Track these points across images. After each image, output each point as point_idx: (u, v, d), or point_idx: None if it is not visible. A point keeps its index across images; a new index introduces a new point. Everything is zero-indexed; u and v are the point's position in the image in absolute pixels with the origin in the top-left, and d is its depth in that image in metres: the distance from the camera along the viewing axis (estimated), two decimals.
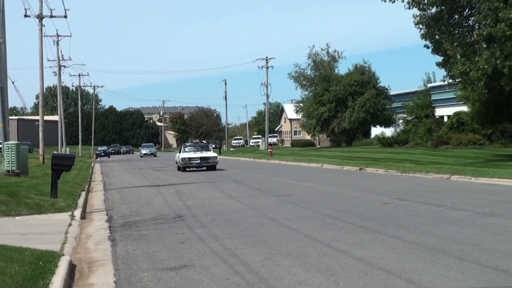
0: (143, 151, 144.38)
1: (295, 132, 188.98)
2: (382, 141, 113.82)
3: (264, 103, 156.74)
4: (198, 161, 68.30)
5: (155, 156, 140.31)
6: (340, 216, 25.55)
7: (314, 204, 29.96)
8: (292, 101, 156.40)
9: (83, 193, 37.52)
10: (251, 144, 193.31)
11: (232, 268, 15.68)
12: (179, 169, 70.88)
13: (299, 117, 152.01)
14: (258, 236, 21.11)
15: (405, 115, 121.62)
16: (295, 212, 27.71)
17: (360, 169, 61.10)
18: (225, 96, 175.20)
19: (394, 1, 56.42)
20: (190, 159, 68.13)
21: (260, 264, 16.06)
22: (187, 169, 68.18)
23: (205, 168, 69.32)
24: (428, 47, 60.51)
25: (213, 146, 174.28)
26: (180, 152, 71.97)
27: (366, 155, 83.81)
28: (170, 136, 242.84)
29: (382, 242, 19.11)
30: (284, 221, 24.70)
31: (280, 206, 30.10)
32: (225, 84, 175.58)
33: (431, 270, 14.83)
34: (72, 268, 15.89)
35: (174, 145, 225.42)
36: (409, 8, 57.18)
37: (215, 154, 72.35)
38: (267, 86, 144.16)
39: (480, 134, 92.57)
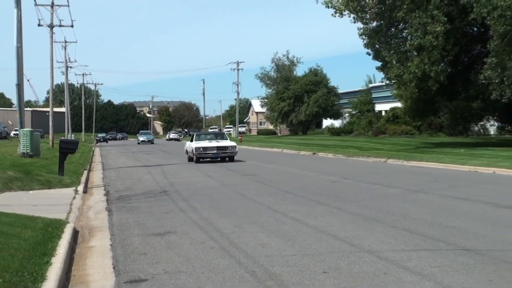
0: (141, 138, 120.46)
1: (261, 123, 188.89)
2: (332, 130, 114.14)
3: (235, 99, 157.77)
4: (215, 151, 49.53)
5: (153, 143, 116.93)
6: (296, 192, 25.57)
7: (275, 182, 29.94)
8: (258, 97, 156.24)
9: (85, 172, 37.34)
10: (224, 132, 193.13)
11: (208, 234, 15.68)
12: (190, 160, 51.64)
13: (264, 110, 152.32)
14: (230, 208, 21.10)
15: (350, 110, 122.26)
16: (260, 188, 27.71)
17: (313, 153, 61.12)
18: (203, 93, 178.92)
19: (342, 16, 56.56)
20: (205, 148, 49.38)
21: (231, 231, 16.06)
22: (201, 160, 49.87)
23: (219, 159, 50.64)
24: (369, 54, 61.24)
25: (192, 133, 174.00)
26: (192, 141, 52.56)
27: (318, 142, 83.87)
28: (158, 125, 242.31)
29: (331, 213, 19.15)
30: (251, 196, 24.70)
31: (248, 184, 30.08)
32: (203, 83, 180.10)
33: (370, 236, 14.88)
34: (75, 233, 15.85)
35: (161, 133, 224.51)
36: (355, 22, 57.71)
37: (233, 143, 51.74)
38: (237, 85, 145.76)
39: (411, 125, 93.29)
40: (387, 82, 67.88)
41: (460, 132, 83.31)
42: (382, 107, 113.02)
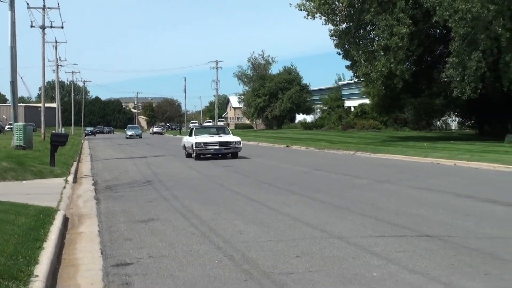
0: (129, 132, 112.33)
1: (238, 118, 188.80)
2: (304, 125, 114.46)
3: (214, 95, 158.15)
4: (217, 147, 42.34)
5: (141, 137, 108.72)
6: (272, 182, 25.61)
7: (252, 173, 29.95)
8: (236, 94, 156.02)
9: (75, 163, 37.22)
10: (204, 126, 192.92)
11: (189, 221, 15.67)
12: (188, 156, 44.69)
13: (241, 106, 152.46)
14: (209, 197, 21.10)
15: (322, 106, 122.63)
16: (238, 179, 27.73)
17: (287, 146, 61.15)
18: (185, 90, 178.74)
19: (314, 18, 56.66)
20: (206, 144, 42.23)
21: (210, 218, 16.07)
22: (202, 156, 42.49)
23: (220, 155, 43.15)
24: (339, 54, 61.32)
25: (175, 127, 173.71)
26: (190, 136, 45.40)
27: (292, 135, 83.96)
28: (142, 120, 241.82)
29: (304, 202, 19.18)
30: (229, 186, 24.70)
31: (227, 175, 30.08)
32: (185, 80, 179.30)
33: (340, 223, 14.92)
34: (65, 220, 15.81)
35: (145, 127, 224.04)
36: (326, 24, 57.82)
37: (237, 138, 44.32)
38: (216, 82, 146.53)
39: (378, 120, 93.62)
40: (356, 80, 68.34)
41: (423, 127, 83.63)
42: (351, 103, 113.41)
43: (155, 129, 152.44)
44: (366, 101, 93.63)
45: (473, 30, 47.43)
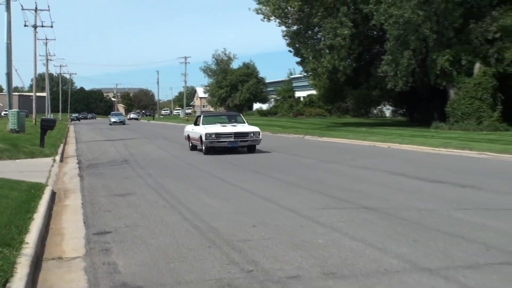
0: (113, 119, 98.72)
1: (204, 106, 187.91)
2: (260, 112, 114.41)
3: (183, 87, 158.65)
4: (232, 139, 30.46)
5: (124, 124, 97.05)
6: (232, 161, 25.57)
7: (216, 154, 29.86)
8: (202, 85, 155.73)
9: (61, 145, 36.86)
10: (174, 113, 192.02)
11: (160, 195, 15.60)
12: (193, 148, 32.92)
13: (206, 96, 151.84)
14: (179, 175, 21.00)
15: (275, 96, 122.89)
16: (204, 159, 27.61)
17: None
18: (157, 82, 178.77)
19: (270, 21, 56.86)
20: (219, 135, 30.38)
21: (179, 193, 15.99)
22: (213, 150, 30.33)
23: (237, 149, 31.31)
24: (291, 52, 61.57)
25: (149, 114, 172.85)
26: (197, 124, 32.94)
27: (249, 121, 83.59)
28: (121, 107, 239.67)
29: (260, 179, 19.17)
30: (197, 165, 24.61)
31: (195, 156, 29.92)
32: (158, 73, 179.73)
33: (290, 197, 14.93)
34: (53, 194, 15.64)
35: (123, 113, 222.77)
36: (279, 26, 58.15)
37: (256, 129, 31.99)
38: (185, 75, 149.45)
39: (324, 109, 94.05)
40: (305, 74, 68.72)
41: (362, 114, 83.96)
42: (300, 94, 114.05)
43: (132, 115, 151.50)
44: (314, 92, 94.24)
45: (405, 32, 47.91)
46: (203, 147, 30.11)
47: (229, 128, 30.89)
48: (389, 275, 8.01)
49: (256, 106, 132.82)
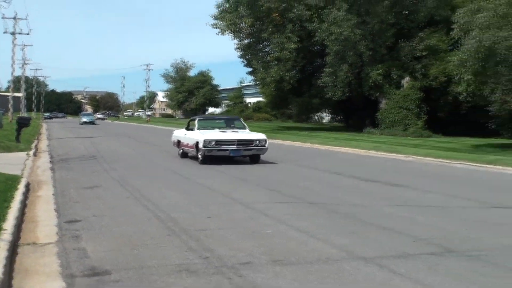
0: (83, 119, 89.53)
1: (163, 109, 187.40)
2: (214, 116, 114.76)
3: (145, 91, 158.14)
4: (234, 146, 23.24)
5: (94, 123, 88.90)
6: (190, 158, 25.43)
7: (175, 151, 29.65)
8: (162, 90, 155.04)
9: (35, 141, 36.26)
10: (136, 115, 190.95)
11: (125, 188, 15.42)
12: (184, 156, 25.85)
13: (166, 100, 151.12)
14: (142, 170, 20.81)
15: (228, 101, 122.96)
16: (164, 156, 27.40)
17: None
18: (122, 86, 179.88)
19: (225, 34, 56.87)
20: (219, 142, 23.09)
21: (142, 186, 15.82)
22: (209, 159, 23.03)
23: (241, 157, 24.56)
24: (243, 63, 61.65)
25: (113, 115, 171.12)
26: (190, 129, 25.88)
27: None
28: (88, 108, 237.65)
29: (215, 175, 19.06)
30: (158, 161, 24.51)
31: (156, 153, 29.78)
32: (123, 78, 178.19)
33: (242, 192, 14.90)
34: (28, 185, 15.32)
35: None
36: (233, 39, 58.04)
37: (262, 136, 24.73)
38: (147, 81, 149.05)
39: (270, 114, 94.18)
40: (255, 82, 68.89)
41: (304, 120, 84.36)
42: (250, 100, 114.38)
43: (98, 116, 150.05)
44: (262, 99, 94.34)
45: (343, 48, 48.28)
46: (200, 156, 23.01)
47: (231, 135, 23.69)
48: (330, 262, 8.01)
49: (210, 110, 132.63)
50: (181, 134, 26.70)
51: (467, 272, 7.64)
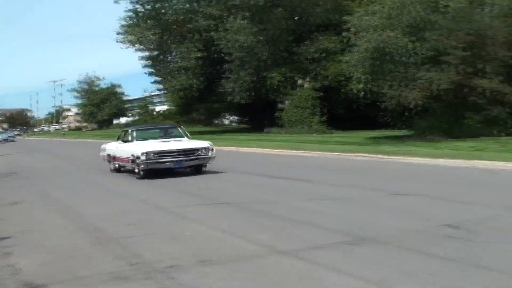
0: (2, 137, 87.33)
1: (77, 122, 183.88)
2: (121, 126, 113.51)
3: (53, 106, 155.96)
4: (178, 157, 19.85)
5: (14, 141, 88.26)
6: (105, 167, 25.05)
7: (88, 163, 29.13)
8: (74, 103, 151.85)
9: None
10: (51, 129, 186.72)
11: (46, 202, 15.22)
12: (117, 171, 22.39)
13: (78, 113, 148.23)
14: (60, 183, 20.46)
15: (138, 110, 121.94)
16: (78, 166, 27.13)
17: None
18: (37, 102, 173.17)
19: (134, 47, 57.21)
20: (162, 154, 19.67)
21: (63, 199, 15.63)
22: (150, 173, 19.64)
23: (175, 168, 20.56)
24: (148, 73, 62.98)
25: (22, 131, 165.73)
26: (125, 141, 22.21)
27: (115, 134, 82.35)
28: (4, 125, 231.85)
29: (131, 183, 18.97)
30: (73, 172, 24.20)
31: (70, 164, 29.39)
32: (37, 95, 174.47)
33: (162, 197, 14.90)
34: None
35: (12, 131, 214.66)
36: (141, 52, 58.36)
37: (206, 144, 21.06)
38: (60, 95, 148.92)
39: (179, 120, 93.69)
40: (163, 91, 68.67)
41: (212, 124, 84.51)
42: (160, 108, 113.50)
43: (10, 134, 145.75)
44: (172, 106, 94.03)
45: (247, 55, 48.70)
46: (139, 170, 19.65)
47: (173, 144, 20.38)
48: (253, 259, 8.15)
49: (122, 120, 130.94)
50: (113, 147, 23.02)
51: (379, 257, 7.93)
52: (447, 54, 28.87)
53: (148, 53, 59.26)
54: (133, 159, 19.99)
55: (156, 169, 19.63)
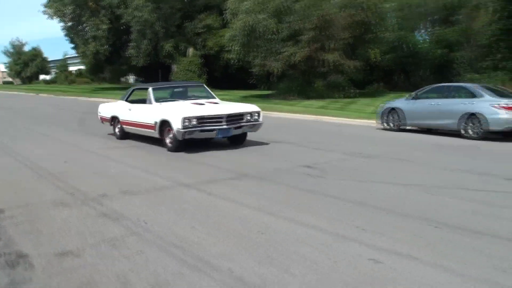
0: None
1: (3, 78, 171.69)
2: (45, 81, 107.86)
3: None
4: (224, 125, 11.47)
5: None
6: (45, 119, 24.04)
7: (29, 112, 27.69)
8: (3, 62, 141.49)
9: None
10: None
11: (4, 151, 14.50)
12: (122, 137, 14.47)
13: (6, 70, 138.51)
14: (7, 130, 19.49)
15: (56, 70, 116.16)
16: (23, 118, 25.32)
17: (37, 94, 56.59)
18: None
19: (53, 19, 55.36)
20: (203, 120, 11.24)
21: (9, 143, 14.87)
22: (185, 144, 11.70)
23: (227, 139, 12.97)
24: (68, 40, 60.22)
25: None
26: (140, 102, 13.81)
27: (39, 88, 78.17)
28: None
29: (61, 130, 18.35)
30: (21, 123, 22.80)
31: (15, 116, 27.46)
32: None
33: (86, 141, 14.68)
34: None
35: None
36: (59, 22, 56.01)
37: (256, 108, 12.29)
38: None
39: (89, 78, 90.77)
40: (78, 54, 66.27)
41: (116, 82, 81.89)
42: (74, 68, 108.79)
43: None
44: (83, 67, 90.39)
45: (144, 27, 47.80)
46: (171, 141, 12.24)
47: (214, 108, 12.33)
48: (163, 190, 8.35)
49: (42, 76, 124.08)
50: (121, 108, 14.79)
51: (257, 188, 8.37)
52: (302, 34, 29.84)
53: (69, 24, 57.20)
54: (161, 125, 12.40)
55: (193, 140, 12.25)
